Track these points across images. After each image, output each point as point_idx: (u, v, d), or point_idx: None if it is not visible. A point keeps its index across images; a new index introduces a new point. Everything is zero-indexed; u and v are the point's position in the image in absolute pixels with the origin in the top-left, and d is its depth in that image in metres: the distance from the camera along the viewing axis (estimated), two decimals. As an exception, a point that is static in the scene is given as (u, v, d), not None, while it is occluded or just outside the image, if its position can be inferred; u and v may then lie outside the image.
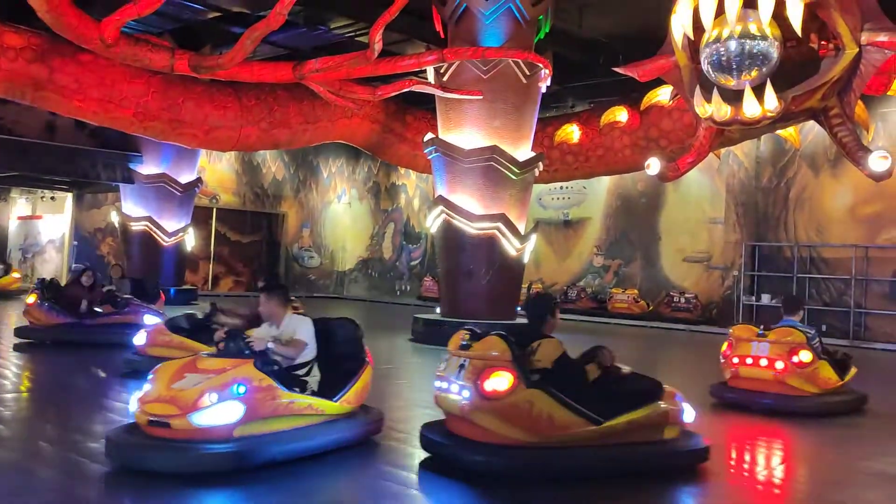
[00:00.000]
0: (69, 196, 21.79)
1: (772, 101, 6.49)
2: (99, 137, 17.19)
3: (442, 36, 12.43)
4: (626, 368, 4.95)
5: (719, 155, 15.35)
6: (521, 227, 12.13)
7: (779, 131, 12.39)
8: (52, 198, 22.52)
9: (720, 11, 6.35)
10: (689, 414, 4.97)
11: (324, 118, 15.50)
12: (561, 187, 19.65)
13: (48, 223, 23.34)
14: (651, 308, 17.70)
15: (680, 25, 6.84)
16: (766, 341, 7.03)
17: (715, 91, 6.70)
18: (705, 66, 6.82)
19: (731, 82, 6.61)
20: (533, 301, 5.28)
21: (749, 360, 7.05)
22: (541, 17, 12.10)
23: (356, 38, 14.68)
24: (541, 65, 11.63)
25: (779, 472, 5.35)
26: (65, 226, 22.13)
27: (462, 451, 4.54)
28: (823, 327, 15.37)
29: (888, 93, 9.24)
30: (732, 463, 5.49)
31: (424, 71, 12.21)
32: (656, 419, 4.76)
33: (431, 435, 4.84)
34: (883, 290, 14.90)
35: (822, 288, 15.69)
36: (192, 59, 8.86)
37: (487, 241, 11.78)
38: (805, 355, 6.89)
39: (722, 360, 7.39)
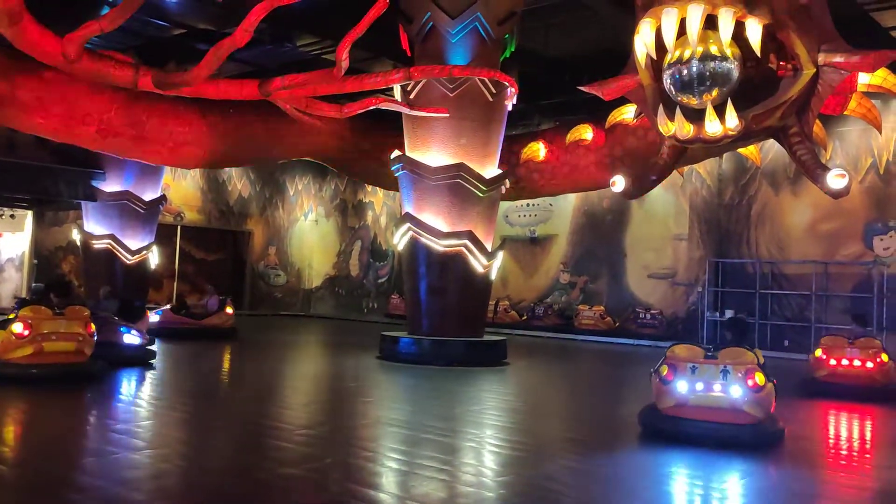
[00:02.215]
0: (29, 214, 21.33)
1: (732, 119, 6.61)
2: (61, 154, 16.87)
3: (409, 54, 12.48)
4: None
5: (682, 172, 15.59)
6: (488, 245, 12.17)
7: (740, 149, 12.64)
8: (12, 216, 21.99)
9: (682, 32, 6.47)
10: None
11: (290, 135, 15.42)
12: (527, 204, 19.78)
13: (7, 241, 22.81)
14: (617, 324, 17.85)
15: (643, 45, 6.94)
16: (857, 348, 9.58)
17: (678, 110, 6.80)
18: (668, 86, 6.92)
19: (694, 101, 6.73)
20: (736, 323, 7.41)
21: (845, 362, 9.51)
22: (507, 35, 12.22)
23: (323, 56, 14.68)
24: (507, 83, 11.70)
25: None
26: (25, 244, 21.65)
27: (724, 430, 6.08)
28: (786, 342, 15.65)
29: (845, 112, 9.49)
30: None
31: (391, 89, 12.24)
32: None
33: (668, 419, 6.31)
34: (843, 305, 15.20)
35: (783, 303, 15.96)
36: (156, 76, 8.77)
37: (454, 258, 11.79)
38: (884, 357, 9.52)
39: (815, 362, 9.73)
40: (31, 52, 8.08)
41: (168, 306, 15.52)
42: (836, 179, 7.20)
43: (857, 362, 9.41)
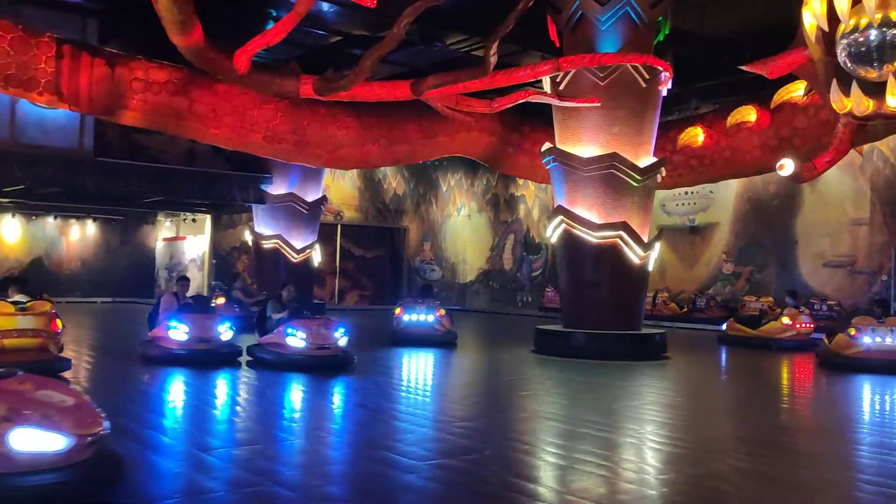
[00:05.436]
0: (208, 217, 23.21)
1: (920, 91, 6.02)
2: (233, 161, 18.25)
3: (557, 45, 12.33)
4: None
5: (862, 151, 14.35)
6: (644, 235, 11.80)
7: (929, 123, 11.47)
8: (194, 220, 24.04)
9: (856, 1, 5.97)
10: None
11: (442, 133, 15.71)
12: (686, 192, 18.98)
13: (190, 243, 24.95)
14: (788, 316, 16.74)
15: (813, 17, 6.48)
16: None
17: (854, 84, 6.29)
18: (843, 59, 6.42)
19: (873, 74, 6.19)
20: (882, 302, 11.76)
21: None
22: (660, 18, 11.77)
23: (472, 53, 14.83)
24: (660, 68, 11.31)
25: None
26: (204, 245, 23.60)
27: (893, 363, 10.05)
28: None
29: None
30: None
31: (540, 81, 12.14)
32: None
33: (856, 359, 10.28)
34: None
35: (985, 292, 14.32)
36: (316, 83, 9.24)
37: (609, 250, 11.53)
38: None
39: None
40: (206, 68, 8.78)
41: None
42: None
43: None
